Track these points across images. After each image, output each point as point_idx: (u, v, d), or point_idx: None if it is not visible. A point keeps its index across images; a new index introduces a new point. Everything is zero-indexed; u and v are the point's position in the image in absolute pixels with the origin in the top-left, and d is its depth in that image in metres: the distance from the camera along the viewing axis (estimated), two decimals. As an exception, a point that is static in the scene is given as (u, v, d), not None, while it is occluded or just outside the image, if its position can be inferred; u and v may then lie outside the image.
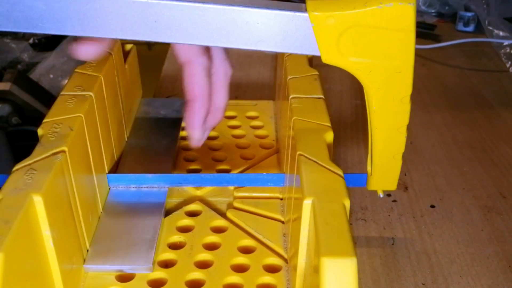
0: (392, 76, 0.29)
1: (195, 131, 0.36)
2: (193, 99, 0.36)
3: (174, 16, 0.29)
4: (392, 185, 0.35)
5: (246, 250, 0.35)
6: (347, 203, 0.27)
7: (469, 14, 0.79)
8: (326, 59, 0.29)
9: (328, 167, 0.30)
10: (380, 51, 0.28)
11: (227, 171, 0.43)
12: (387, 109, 0.31)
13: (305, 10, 0.28)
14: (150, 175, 0.39)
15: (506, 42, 0.73)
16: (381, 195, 0.37)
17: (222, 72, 0.38)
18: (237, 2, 0.29)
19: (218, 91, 0.38)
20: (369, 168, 0.34)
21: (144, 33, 0.29)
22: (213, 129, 0.39)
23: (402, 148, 0.33)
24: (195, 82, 0.36)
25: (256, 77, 0.65)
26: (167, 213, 0.38)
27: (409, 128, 0.52)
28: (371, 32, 0.28)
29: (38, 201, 0.27)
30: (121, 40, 0.38)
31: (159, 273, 0.33)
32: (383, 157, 0.33)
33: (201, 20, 0.29)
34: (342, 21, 0.27)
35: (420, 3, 0.84)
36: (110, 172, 0.40)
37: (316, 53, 0.29)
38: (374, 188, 0.35)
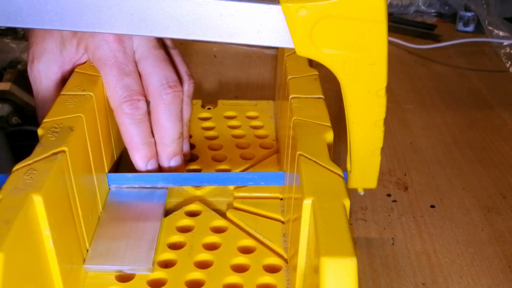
0: (366, 68, 0.29)
1: (140, 169, 0.39)
2: (126, 145, 0.38)
3: (150, 9, 0.29)
4: (372, 183, 0.35)
5: (246, 250, 0.35)
6: (347, 203, 0.27)
7: (469, 14, 0.79)
8: (300, 51, 0.29)
9: (328, 167, 0.30)
10: (353, 42, 0.28)
11: (227, 171, 0.43)
12: (362, 102, 0.31)
13: (278, 2, 0.28)
14: (150, 175, 0.39)
15: (506, 42, 0.73)
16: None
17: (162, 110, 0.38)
18: None
19: (160, 127, 0.39)
20: (348, 165, 0.34)
21: (120, 26, 0.30)
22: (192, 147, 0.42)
23: (380, 143, 0.33)
24: (122, 131, 0.38)
25: (256, 77, 0.65)
26: (167, 213, 0.38)
27: (409, 128, 0.53)
28: (344, 23, 0.28)
29: (38, 201, 0.27)
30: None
31: (159, 273, 0.33)
32: (361, 153, 0.33)
33: (176, 13, 0.29)
34: (314, 12, 0.27)
35: (420, 3, 0.84)
36: (110, 172, 0.40)
37: (290, 45, 0.29)
38: (354, 186, 0.35)
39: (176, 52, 0.41)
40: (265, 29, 0.29)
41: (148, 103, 0.38)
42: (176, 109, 0.38)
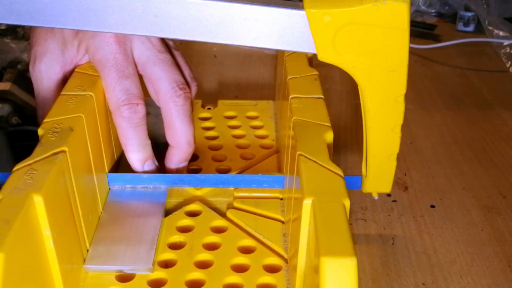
0: (387, 74, 0.29)
1: (137, 170, 0.40)
2: (123, 147, 0.38)
3: (174, 12, 0.29)
4: (387, 187, 0.35)
5: (246, 250, 0.35)
6: (347, 203, 0.27)
7: (469, 14, 0.79)
8: (322, 57, 0.29)
9: (328, 167, 0.30)
10: (375, 49, 0.28)
11: (227, 170, 0.43)
12: (381, 108, 0.31)
13: (302, 8, 0.28)
14: (150, 175, 0.39)
15: (506, 42, 0.73)
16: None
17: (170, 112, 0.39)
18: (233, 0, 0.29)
19: (175, 130, 0.39)
20: (364, 169, 0.34)
21: (144, 28, 0.30)
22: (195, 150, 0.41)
23: (396, 149, 0.33)
24: (119, 133, 0.38)
25: (256, 77, 0.65)
26: (167, 213, 0.38)
27: (409, 128, 0.53)
28: (366, 30, 0.28)
29: (38, 201, 0.27)
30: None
31: (159, 273, 0.33)
32: (377, 158, 0.33)
33: (200, 16, 0.29)
34: (338, 18, 0.28)
35: (420, 3, 0.84)
36: (110, 172, 0.40)
37: (312, 50, 0.29)
38: (369, 191, 0.35)
39: (179, 53, 0.41)
40: (288, 34, 0.29)
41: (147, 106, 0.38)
42: (189, 110, 0.38)
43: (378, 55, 0.28)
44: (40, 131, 0.32)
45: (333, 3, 0.28)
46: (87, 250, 0.34)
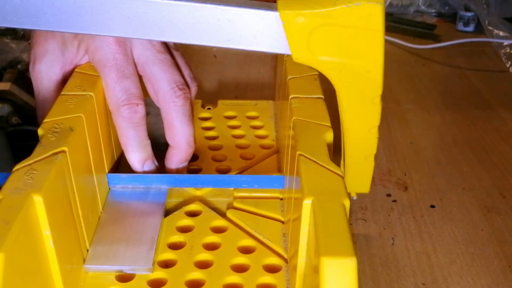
0: (362, 76, 0.29)
1: (137, 170, 0.40)
2: (123, 147, 0.38)
3: (147, 13, 0.29)
4: (365, 188, 0.35)
5: (246, 250, 0.35)
6: (347, 203, 0.27)
7: (469, 14, 0.79)
8: (297, 58, 0.29)
9: (328, 167, 0.30)
10: (350, 50, 0.28)
11: (227, 171, 0.43)
12: (357, 109, 0.31)
13: (276, 9, 0.28)
14: (150, 175, 0.39)
15: (506, 42, 0.73)
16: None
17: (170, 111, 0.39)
18: (209, 0, 0.29)
19: (175, 131, 0.39)
20: (341, 169, 0.35)
21: (117, 29, 0.30)
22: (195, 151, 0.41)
23: (374, 150, 0.33)
24: (119, 133, 0.38)
25: (256, 77, 0.65)
26: (167, 213, 0.38)
27: (409, 128, 0.53)
28: (341, 31, 0.28)
29: (38, 201, 0.27)
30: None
31: (159, 273, 0.33)
32: (355, 159, 0.33)
33: (174, 17, 0.29)
34: (311, 19, 0.28)
35: (420, 3, 0.84)
36: (110, 172, 0.40)
37: (287, 51, 0.29)
38: (348, 191, 0.36)
39: (178, 54, 0.41)
40: (262, 35, 0.29)
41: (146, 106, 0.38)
42: (188, 110, 0.38)
43: (352, 56, 0.28)
44: (40, 131, 0.32)
45: (306, 4, 0.28)
46: (87, 250, 0.34)
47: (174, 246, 0.36)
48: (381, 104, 0.31)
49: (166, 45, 0.40)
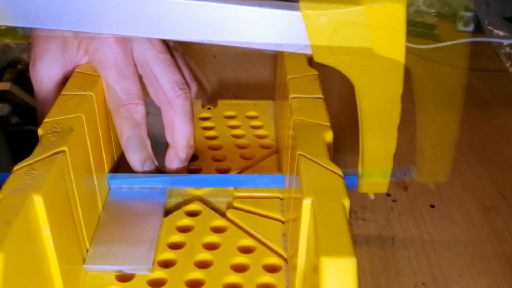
0: (383, 75, 0.29)
1: (137, 170, 0.40)
2: (122, 147, 0.38)
3: (169, 13, 0.29)
4: (383, 188, 0.35)
5: (246, 250, 0.35)
6: (347, 202, 0.27)
7: (469, 14, 0.79)
8: (318, 58, 0.29)
9: (327, 167, 0.30)
10: (371, 50, 0.28)
11: (226, 170, 0.43)
12: (377, 109, 0.31)
13: (298, 9, 0.28)
14: (150, 176, 0.39)
15: (506, 42, 0.73)
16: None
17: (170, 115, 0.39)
18: (231, 0, 0.29)
19: (175, 130, 0.39)
20: (360, 170, 0.34)
21: (139, 30, 0.30)
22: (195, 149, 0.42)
23: (393, 149, 0.33)
24: (119, 133, 0.38)
25: (256, 77, 0.65)
26: (167, 213, 0.38)
27: (409, 128, 0.52)
28: (362, 31, 0.28)
29: (38, 201, 0.27)
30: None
31: (159, 273, 0.33)
32: (374, 158, 0.33)
33: (196, 17, 0.29)
34: (334, 19, 0.28)
35: (420, 3, 0.84)
36: (110, 172, 0.40)
37: (308, 51, 0.29)
38: (365, 191, 0.35)
39: (178, 54, 0.41)
40: (284, 34, 0.29)
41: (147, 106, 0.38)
42: (188, 110, 0.38)
43: (374, 56, 0.28)
44: (40, 131, 0.32)
45: (329, 4, 0.28)
46: (87, 250, 0.34)
47: (174, 246, 0.36)
48: (401, 104, 0.31)
49: (166, 45, 0.40)
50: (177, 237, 0.36)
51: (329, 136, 0.33)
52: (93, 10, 0.29)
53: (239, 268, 0.34)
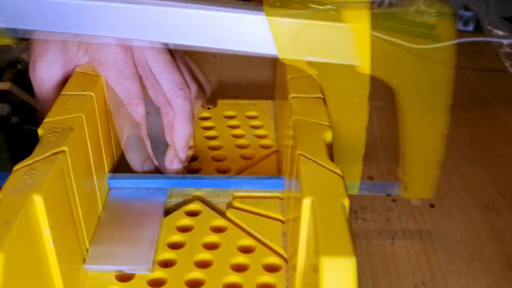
0: (348, 77, 0.29)
1: (137, 170, 0.40)
2: (122, 147, 0.38)
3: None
4: (429, 192, 0.35)
5: (245, 250, 0.35)
6: (347, 202, 0.27)
7: (468, 13, 0.79)
8: (283, 59, 0.29)
9: (327, 166, 0.30)
10: (335, 50, 0.28)
11: (226, 170, 0.43)
12: (345, 110, 0.31)
13: (262, 11, 0.28)
14: (150, 176, 0.40)
15: (505, 42, 0.72)
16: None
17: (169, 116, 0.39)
18: (196, 4, 0.30)
19: (175, 131, 0.39)
20: (402, 176, 0.34)
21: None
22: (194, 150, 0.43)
23: (362, 150, 0.33)
24: (119, 133, 0.38)
25: (256, 76, 0.65)
26: (167, 212, 0.38)
27: (408, 127, 0.52)
28: (326, 32, 0.28)
29: (38, 201, 0.27)
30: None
31: (159, 273, 0.33)
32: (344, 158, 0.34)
33: (158, 20, 0.30)
34: (297, 20, 0.28)
35: (420, 3, 0.84)
36: (110, 172, 0.40)
37: (274, 52, 0.29)
38: (411, 196, 0.35)
39: (178, 54, 0.41)
40: (250, 36, 0.29)
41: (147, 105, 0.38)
42: (188, 111, 0.38)
43: (338, 57, 0.29)
44: (40, 131, 0.32)
45: (292, 6, 0.28)
46: (87, 250, 0.34)
47: (174, 246, 0.36)
48: (369, 104, 0.31)
49: (166, 45, 0.40)
50: (177, 237, 0.36)
51: (328, 135, 0.33)
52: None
53: (239, 268, 0.34)
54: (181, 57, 0.41)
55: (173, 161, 0.40)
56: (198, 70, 0.42)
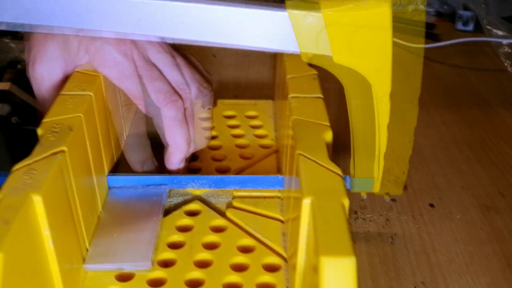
0: (371, 74, 0.29)
1: (137, 170, 0.40)
2: (122, 147, 0.38)
3: (157, 14, 0.29)
4: (375, 187, 0.35)
5: (245, 250, 0.35)
6: (346, 202, 0.27)
7: (468, 13, 0.79)
8: (305, 57, 0.29)
9: (327, 166, 0.30)
10: (358, 48, 0.28)
11: (226, 170, 0.43)
12: (366, 107, 0.31)
13: (284, 9, 0.28)
14: (150, 176, 0.39)
15: (504, 41, 0.73)
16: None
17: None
18: (219, 1, 0.29)
19: (172, 131, 0.39)
20: (351, 170, 0.35)
21: (127, 28, 0.30)
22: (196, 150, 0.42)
23: (384, 148, 0.33)
24: (118, 133, 0.39)
25: (255, 76, 0.65)
26: (167, 212, 0.38)
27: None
28: (349, 30, 0.28)
29: (37, 201, 0.27)
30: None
31: (159, 273, 0.33)
32: (364, 158, 0.34)
33: (183, 18, 0.29)
34: (319, 19, 0.28)
35: (419, 2, 0.84)
36: (110, 172, 0.40)
37: (296, 50, 0.29)
38: (357, 190, 0.36)
39: (178, 54, 0.41)
40: (271, 34, 0.29)
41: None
42: (183, 113, 0.38)
43: (361, 55, 0.29)
44: (39, 131, 0.32)
45: (314, 4, 0.28)
46: (87, 250, 0.34)
47: (174, 246, 0.36)
48: (390, 102, 0.31)
49: (166, 45, 0.40)
50: (176, 237, 0.36)
51: (328, 135, 0.33)
52: (92, 7, 0.30)
53: (239, 268, 0.34)
54: (180, 57, 0.41)
55: (172, 162, 0.40)
56: (200, 66, 0.42)
